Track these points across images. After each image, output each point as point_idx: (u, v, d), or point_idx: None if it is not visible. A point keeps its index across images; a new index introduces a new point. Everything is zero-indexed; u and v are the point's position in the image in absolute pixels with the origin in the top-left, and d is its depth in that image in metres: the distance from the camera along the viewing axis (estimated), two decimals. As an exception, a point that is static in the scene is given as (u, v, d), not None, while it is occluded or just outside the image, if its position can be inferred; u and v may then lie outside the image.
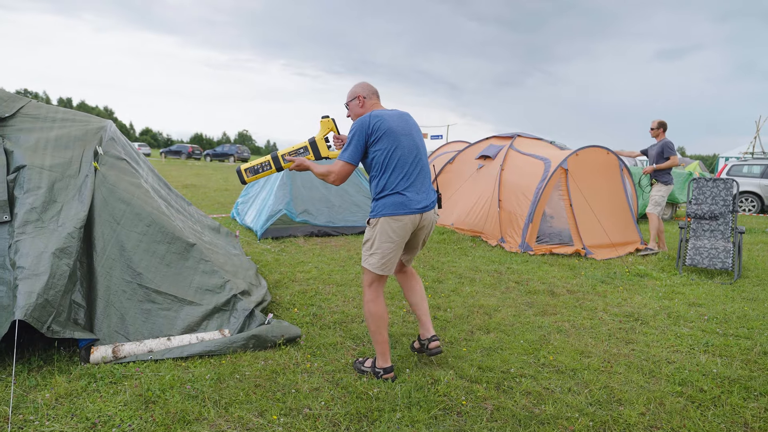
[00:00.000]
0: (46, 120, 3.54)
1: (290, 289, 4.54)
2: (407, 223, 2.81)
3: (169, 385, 2.66)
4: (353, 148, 2.82)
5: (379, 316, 2.89)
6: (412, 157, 2.86)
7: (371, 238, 2.87)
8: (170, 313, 3.20)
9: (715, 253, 5.70)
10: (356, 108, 3.03)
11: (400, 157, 2.81)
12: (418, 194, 2.84)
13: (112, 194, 3.38)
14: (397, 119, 2.88)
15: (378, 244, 2.83)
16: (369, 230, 2.89)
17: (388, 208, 2.79)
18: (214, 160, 39.29)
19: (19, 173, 3.10)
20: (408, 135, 2.88)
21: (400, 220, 2.79)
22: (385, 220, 2.80)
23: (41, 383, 2.64)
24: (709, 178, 6.13)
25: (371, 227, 2.87)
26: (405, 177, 2.82)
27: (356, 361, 3.05)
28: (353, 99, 3.04)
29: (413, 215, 2.81)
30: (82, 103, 73.49)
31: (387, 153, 2.80)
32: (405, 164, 2.82)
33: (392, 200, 2.79)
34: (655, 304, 4.53)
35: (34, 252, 2.79)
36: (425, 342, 3.04)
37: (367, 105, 3.02)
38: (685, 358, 3.34)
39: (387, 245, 2.81)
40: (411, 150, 2.86)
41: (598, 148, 7.27)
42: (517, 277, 5.33)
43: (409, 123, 2.94)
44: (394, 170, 2.80)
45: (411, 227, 2.85)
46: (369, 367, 2.96)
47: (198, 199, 11.20)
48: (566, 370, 3.08)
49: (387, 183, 2.81)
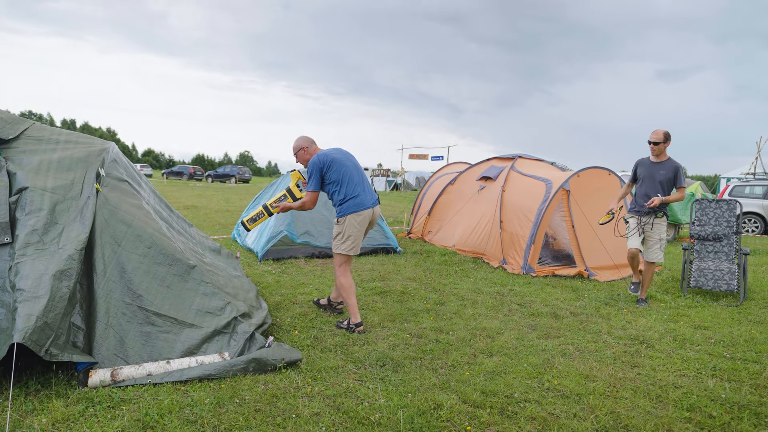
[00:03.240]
0: (50, 142, 3.56)
1: (291, 311, 4.50)
2: (366, 215, 4.05)
3: (168, 409, 2.61)
4: (314, 180, 3.99)
5: (348, 286, 4.06)
6: (356, 173, 4.09)
7: (342, 231, 4.02)
8: (170, 336, 3.16)
9: (720, 275, 5.66)
10: (304, 155, 4.18)
11: (349, 175, 4.03)
12: (366, 195, 4.08)
13: (114, 216, 3.38)
14: (336, 152, 4.10)
15: (347, 234, 4.01)
16: (338, 226, 4.04)
17: (351, 208, 3.99)
18: (216, 181, 39.45)
19: (21, 195, 3.11)
20: (348, 159, 4.11)
21: (360, 214, 4.02)
22: (351, 216, 3.99)
23: (38, 408, 2.59)
24: (711, 199, 6.12)
25: (340, 224, 4.02)
26: (355, 186, 4.03)
27: (338, 322, 4.14)
28: (300, 150, 4.18)
29: (368, 210, 4.05)
30: (86, 125, 74.24)
31: (339, 174, 3.99)
32: (353, 178, 4.04)
33: (353, 202, 4.00)
34: (660, 327, 4.47)
35: (34, 274, 2.78)
36: (335, 304, 4.50)
37: (311, 150, 4.18)
38: (693, 382, 3.28)
39: (354, 234, 4.02)
40: (352, 168, 4.08)
41: (600, 170, 7.28)
42: (519, 299, 5.29)
43: (345, 152, 4.18)
44: (348, 184, 4.00)
45: (369, 218, 4.08)
46: (346, 325, 4.06)
47: (199, 221, 11.21)
48: (571, 395, 3.03)
49: (346, 192, 4.00)
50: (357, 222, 3.99)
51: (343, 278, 4.07)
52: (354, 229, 4.00)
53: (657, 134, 5.06)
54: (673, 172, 5.05)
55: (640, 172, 5.25)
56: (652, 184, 5.12)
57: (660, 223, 5.14)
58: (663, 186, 5.08)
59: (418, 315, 4.56)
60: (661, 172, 5.08)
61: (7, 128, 3.43)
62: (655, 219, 5.12)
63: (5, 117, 3.51)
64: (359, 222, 4.00)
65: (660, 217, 5.13)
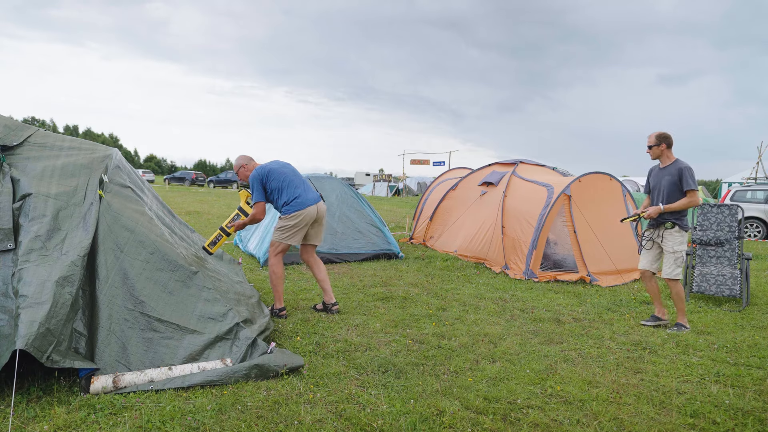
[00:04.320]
0: (53, 148, 3.58)
1: (293, 317, 4.50)
2: (310, 211, 4.50)
3: (170, 416, 2.61)
4: (258, 192, 4.46)
5: (280, 275, 4.55)
6: (294, 177, 4.57)
7: (285, 225, 4.49)
8: (172, 342, 3.16)
9: (722, 280, 5.64)
10: (244, 172, 4.65)
11: (288, 180, 4.51)
12: (308, 194, 4.54)
13: (117, 222, 3.39)
14: (273, 163, 4.60)
15: (290, 227, 4.48)
16: (283, 221, 4.50)
17: (295, 207, 4.46)
18: (218, 187, 39.54)
19: (25, 201, 3.12)
20: (285, 167, 4.62)
21: (304, 210, 4.47)
22: (295, 213, 4.45)
23: (40, 414, 2.59)
24: (713, 204, 6.11)
25: (285, 220, 4.49)
26: (296, 188, 4.51)
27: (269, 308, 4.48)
28: (240, 168, 4.66)
29: (311, 206, 4.50)
30: (88, 131, 74.41)
31: (279, 181, 4.48)
32: (292, 182, 4.52)
33: (296, 202, 4.47)
34: (662, 333, 4.46)
35: (37, 280, 2.78)
36: (329, 305, 4.68)
37: (249, 167, 4.64)
38: (696, 388, 3.27)
39: (296, 228, 4.49)
40: (290, 174, 4.56)
41: (601, 175, 7.29)
42: (521, 304, 5.28)
43: (283, 162, 4.69)
44: (288, 188, 4.49)
45: (314, 214, 4.53)
46: (270, 310, 4.43)
47: (201, 226, 11.22)
48: (574, 401, 3.01)
49: (288, 195, 4.47)
50: (300, 217, 4.47)
51: (277, 267, 4.54)
52: (297, 224, 4.47)
53: (650, 138, 4.66)
54: (676, 175, 4.50)
55: (651, 182, 4.80)
56: (659, 193, 4.67)
57: (671, 234, 4.57)
58: (664, 192, 4.58)
59: (420, 321, 4.55)
60: (666, 177, 4.59)
61: (12, 135, 3.44)
62: (665, 230, 4.60)
63: (9, 124, 3.53)
64: (303, 216, 4.47)
65: (670, 228, 4.57)
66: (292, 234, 4.49)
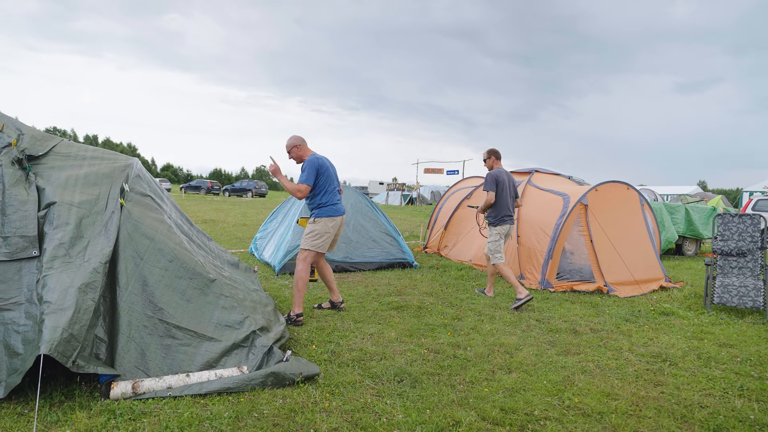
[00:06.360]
0: (77, 158, 3.66)
1: (308, 326, 4.51)
2: (339, 220, 4.74)
3: (188, 422, 2.63)
4: (311, 176, 4.55)
5: (306, 280, 4.64)
6: (337, 184, 4.82)
7: (315, 230, 4.63)
8: (190, 349, 3.19)
9: (744, 291, 5.53)
10: (297, 151, 4.74)
11: (333, 185, 4.74)
12: (341, 205, 4.79)
13: (137, 230, 3.45)
14: (327, 161, 4.77)
15: (320, 233, 4.63)
16: (313, 225, 4.65)
17: (327, 212, 4.65)
18: (233, 196, 39.95)
19: (50, 209, 3.19)
20: (333, 170, 4.82)
21: (334, 219, 4.69)
22: (326, 219, 4.64)
23: (62, 419, 2.63)
24: (734, 214, 6.01)
25: (316, 224, 4.63)
26: (335, 194, 4.74)
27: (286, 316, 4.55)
28: (293, 147, 4.73)
29: (340, 216, 4.74)
30: (107, 140, 75.89)
31: (326, 180, 4.65)
32: (335, 188, 4.76)
33: (332, 208, 4.67)
34: (683, 345, 4.38)
35: (60, 287, 2.84)
36: (337, 304, 5.03)
37: (303, 148, 4.75)
38: (719, 402, 3.20)
39: (326, 234, 4.66)
40: (335, 180, 4.80)
41: (618, 184, 7.22)
42: (537, 314, 5.23)
43: (332, 164, 4.84)
44: (331, 192, 4.69)
45: (339, 224, 4.76)
46: (287, 316, 4.49)
47: (217, 234, 11.34)
48: (593, 413, 2.97)
49: (328, 198, 4.67)
50: (331, 225, 4.66)
51: (304, 273, 4.62)
52: (327, 230, 4.64)
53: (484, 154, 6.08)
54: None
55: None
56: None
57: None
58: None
59: (436, 330, 4.53)
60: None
61: (37, 145, 3.53)
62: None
63: (35, 134, 3.63)
64: (332, 225, 4.67)
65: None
66: (323, 241, 4.63)
